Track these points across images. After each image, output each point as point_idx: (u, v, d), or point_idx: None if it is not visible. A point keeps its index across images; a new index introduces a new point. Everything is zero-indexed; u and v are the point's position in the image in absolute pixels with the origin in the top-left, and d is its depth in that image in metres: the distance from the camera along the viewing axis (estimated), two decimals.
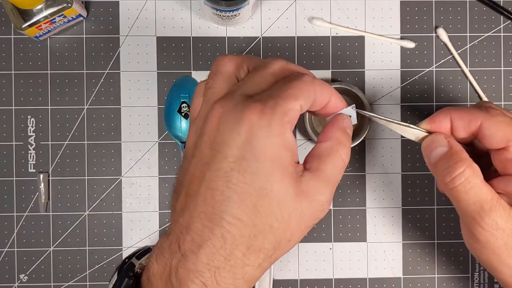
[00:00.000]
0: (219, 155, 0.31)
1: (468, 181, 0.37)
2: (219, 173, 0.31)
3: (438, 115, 0.40)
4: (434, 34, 0.53)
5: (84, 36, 0.52)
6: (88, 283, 0.52)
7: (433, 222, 0.53)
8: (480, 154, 0.41)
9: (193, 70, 0.53)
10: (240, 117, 0.31)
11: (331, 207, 0.53)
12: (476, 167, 0.38)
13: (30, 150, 0.52)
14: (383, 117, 0.40)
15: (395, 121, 0.40)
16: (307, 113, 0.51)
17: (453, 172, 0.37)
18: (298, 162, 0.34)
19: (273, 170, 0.31)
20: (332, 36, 0.53)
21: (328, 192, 0.34)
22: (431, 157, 0.39)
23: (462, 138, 0.40)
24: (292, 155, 0.32)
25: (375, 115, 0.40)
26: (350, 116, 0.37)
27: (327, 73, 0.53)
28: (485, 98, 0.53)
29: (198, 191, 0.32)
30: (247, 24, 0.53)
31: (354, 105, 0.37)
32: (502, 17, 0.53)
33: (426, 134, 0.40)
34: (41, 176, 0.52)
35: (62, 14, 0.48)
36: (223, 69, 0.35)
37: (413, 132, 0.40)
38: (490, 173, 0.40)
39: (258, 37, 0.53)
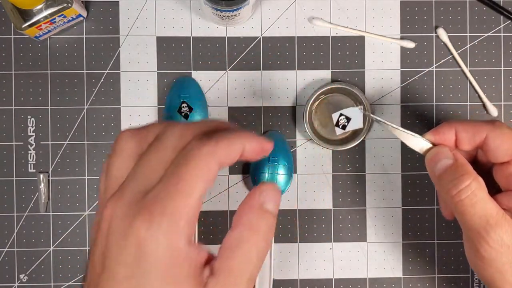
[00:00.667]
0: (108, 274, 0.28)
1: (474, 194, 0.36)
2: None
3: (442, 127, 0.40)
4: (434, 34, 0.53)
5: (84, 36, 0.52)
6: None
7: (433, 222, 0.53)
8: (482, 172, 0.40)
9: (193, 70, 0.53)
10: (128, 231, 0.27)
11: (331, 207, 0.53)
12: (481, 180, 0.37)
13: (30, 150, 0.52)
14: (389, 123, 0.40)
15: (400, 128, 0.40)
16: (307, 113, 0.51)
17: (459, 185, 0.37)
18: (210, 258, 0.29)
19: None
20: (332, 36, 0.53)
21: None
22: (436, 169, 0.38)
23: (466, 152, 0.40)
24: (189, 267, 0.28)
25: (382, 120, 0.40)
26: (343, 119, 0.37)
27: (327, 73, 0.53)
28: (485, 98, 0.53)
29: None
30: (247, 24, 0.53)
31: (361, 106, 0.36)
32: (502, 17, 0.53)
33: (430, 146, 0.40)
34: (41, 176, 0.52)
35: (62, 14, 0.48)
36: (121, 147, 0.31)
37: (417, 142, 0.40)
38: (492, 191, 0.39)
39: (258, 37, 0.53)
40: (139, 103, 0.53)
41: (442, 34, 0.53)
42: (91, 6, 0.52)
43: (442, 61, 0.53)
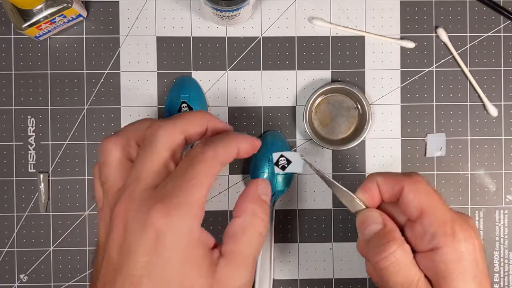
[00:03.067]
0: (128, 262, 0.31)
1: (397, 262, 0.36)
2: (130, 279, 0.31)
3: (367, 182, 0.39)
4: (434, 34, 0.53)
5: (84, 36, 0.52)
6: (88, 283, 0.52)
7: None
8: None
9: (193, 70, 0.53)
10: (145, 222, 0.31)
11: (331, 207, 0.53)
12: (407, 247, 0.37)
13: (30, 150, 0.52)
14: (327, 177, 0.40)
15: (336, 183, 0.40)
16: (307, 113, 0.51)
17: (384, 252, 0.36)
18: (216, 245, 0.33)
19: (185, 270, 0.31)
20: (332, 36, 0.53)
21: (246, 274, 0.33)
22: (365, 234, 0.38)
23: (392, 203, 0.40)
24: (203, 248, 0.32)
25: (319, 171, 0.40)
26: (284, 160, 0.37)
27: (327, 73, 0.53)
28: (485, 98, 0.53)
29: None
30: (247, 24, 0.53)
31: (302, 154, 0.37)
32: (502, 17, 0.53)
33: (363, 207, 0.39)
34: (41, 176, 0.52)
35: (62, 14, 0.48)
36: (110, 158, 0.35)
37: (350, 200, 0.39)
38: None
39: (258, 37, 0.53)
40: (139, 103, 0.52)
41: (442, 34, 0.53)
42: (91, 6, 0.52)
43: (442, 61, 0.53)
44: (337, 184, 0.40)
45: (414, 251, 0.37)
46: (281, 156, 0.38)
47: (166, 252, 0.31)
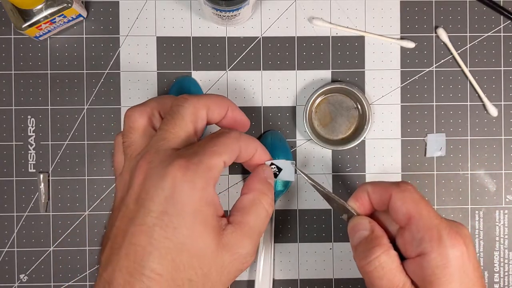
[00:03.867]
0: (143, 210, 0.32)
1: (382, 267, 0.36)
2: (142, 228, 0.32)
3: (358, 192, 0.41)
4: (434, 34, 0.53)
5: (84, 36, 0.52)
6: (88, 283, 0.52)
7: None
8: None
9: (193, 70, 0.53)
10: (164, 173, 0.32)
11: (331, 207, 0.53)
12: (393, 253, 0.37)
13: (30, 150, 0.52)
14: (319, 186, 0.42)
15: (329, 192, 0.41)
16: (307, 113, 0.51)
17: (369, 257, 0.37)
18: (224, 215, 0.35)
19: (194, 225, 0.32)
20: (332, 36, 0.53)
21: (251, 245, 0.35)
22: (354, 239, 0.39)
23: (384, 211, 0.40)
24: (214, 210, 0.34)
25: (312, 180, 0.42)
26: (274, 168, 0.39)
27: (327, 73, 0.53)
28: (485, 98, 0.53)
29: (121, 245, 0.32)
30: (247, 24, 0.53)
31: (294, 161, 0.40)
32: (502, 17, 0.53)
33: (354, 214, 0.40)
34: (41, 176, 0.52)
35: (62, 14, 0.48)
36: (135, 124, 0.37)
37: (342, 208, 0.41)
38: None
39: (258, 37, 0.53)
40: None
41: (442, 34, 0.53)
42: (91, 6, 0.52)
43: (442, 61, 0.53)
44: (331, 193, 0.41)
45: (404, 258, 0.37)
46: (271, 164, 0.39)
47: (180, 204, 0.32)
